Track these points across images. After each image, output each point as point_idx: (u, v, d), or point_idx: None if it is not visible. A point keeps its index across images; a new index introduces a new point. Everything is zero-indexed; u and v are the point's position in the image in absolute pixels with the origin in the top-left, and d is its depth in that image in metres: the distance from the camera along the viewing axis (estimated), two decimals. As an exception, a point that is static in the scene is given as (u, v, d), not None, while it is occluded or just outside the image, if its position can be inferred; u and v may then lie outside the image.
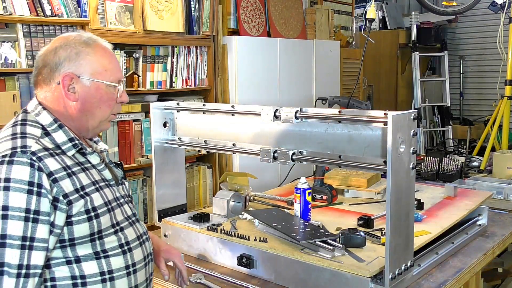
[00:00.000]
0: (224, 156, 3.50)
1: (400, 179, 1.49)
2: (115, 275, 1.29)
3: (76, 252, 1.24)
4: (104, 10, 2.84)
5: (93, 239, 1.26)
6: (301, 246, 1.71)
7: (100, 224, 1.27)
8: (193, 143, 2.09)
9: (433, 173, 3.14)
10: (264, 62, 3.70)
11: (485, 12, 5.03)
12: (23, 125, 1.27)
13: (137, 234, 1.38)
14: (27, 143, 1.21)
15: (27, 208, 1.15)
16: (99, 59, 1.33)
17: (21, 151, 1.19)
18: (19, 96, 2.50)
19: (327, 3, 4.67)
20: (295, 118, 1.68)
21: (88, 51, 1.32)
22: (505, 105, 3.92)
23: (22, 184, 1.15)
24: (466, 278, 1.79)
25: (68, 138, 1.30)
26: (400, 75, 5.88)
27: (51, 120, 1.30)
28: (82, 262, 1.24)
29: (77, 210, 1.22)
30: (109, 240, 1.29)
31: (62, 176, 1.22)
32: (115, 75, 1.36)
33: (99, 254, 1.27)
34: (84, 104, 1.32)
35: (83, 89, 1.31)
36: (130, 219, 1.38)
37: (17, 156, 1.17)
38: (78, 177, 1.26)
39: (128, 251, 1.32)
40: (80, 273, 1.24)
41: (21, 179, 1.15)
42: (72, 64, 1.30)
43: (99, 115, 1.35)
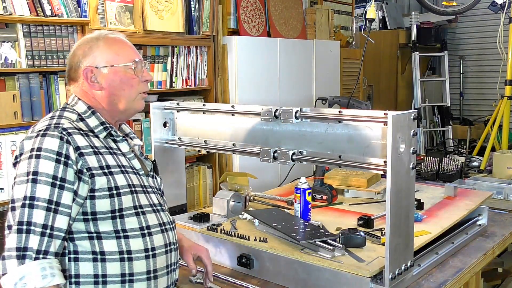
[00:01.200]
0: (224, 156, 3.50)
1: (400, 179, 1.49)
2: (134, 256, 1.36)
3: (98, 227, 1.33)
4: (104, 10, 2.84)
5: (114, 217, 1.34)
6: (301, 246, 1.71)
7: (121, 203, 1.36)
8: (193, 143, 2.09)
9: (433, 173, 3.14)
10: (264, 62, 3.70)
11: (485, 12, 5.03)
12: (62, 111, 1.43)
13: (160, 222, 1.45)
14: (61, 121, 1.36)
15: (54, 175, 1.27)
16: (109, 47, 1.45)
17: (54, 126, 1.33)
18: (19, 96, 2.50)
19: (327, 3, 4.67)
20: (295, 118, 1.68)
21: (98, 44, 1.45)
22: (505, 105, 3.92)
23: (51, 154, 1.28)
24: (466, 278, 1.79)
25: (99, 122, 1.43)
26: (400, 75, 5.88)
27: (86, 108, 1.44)
28: (103, 239, 1.33)
29: (100, 185, 1.33)
30: (129, 220, 1.37)
31: (88, 152, 1.34)
32: (128, 56, 1.47)
33: (119, 233, 1.35)
34: (109, 90, 1.45)
35: (104, 77, 1.44)
36: (154, 206, 1.46)
37: (49, 131, 1.32)
38: (104, 157, 1.38)
39: (148, 235, 1.40)
40: (100, 249, 1.33)
41: (50, 149, 1.29)
42: (88, 59, 1.44)
43: (126, 96, 1.46)
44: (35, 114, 2.54)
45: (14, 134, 2.45)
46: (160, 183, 1.58)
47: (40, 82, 2.59)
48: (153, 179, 1.54)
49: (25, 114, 2.51)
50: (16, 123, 2.46)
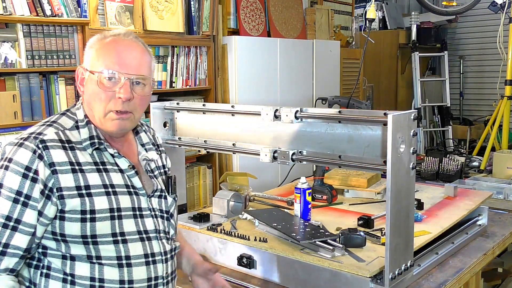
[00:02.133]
0: (224, 156, 3.50)
1: (400, 179, 1.49)
2: (106, 285, 1.24)
3: (69, 249, 1.23)
4: (104, 10, 2.84)
5: (86, 242, 1.22)
6: (301, 246, 1.71)
7: (94, 229, 1.22)
8: (193, 143, 2.09)
9: (433, 173, 3.14)
10: (264, 62, 3.70)
11: (485, 12, 5.03)
12: (61, 115, 1.32)
13: (146, 252, 1.29)
14: (44, 131, 1.24)
15: (18, 191, 1.17)
16: (99, 51, 1.29)
17: (33, 137, 1.22)
18: (19, 96, 2.50)
19: (327, 3, 4.67)
20: (295, 118, 1.68)
21: (94, 45, 1.31)
22: (505, 105, 3.92)
23: (19, 167, 1.18)
24: (466, 278, 1.79)
25: (89, 136, 1.28)
26: (400, 75, 5.88)
27: (83, 116, 1.32)
28: (76, 261, 1.23)
29: (71, 207, 1.20)
30: (105, 248, 1.23)
31: (64, 169, 1.21)
32: (107, 64, 1.27)
33: (92, 259, 1.23)
34: (86, 97, 1.32)
35: (86, 81, 1.31)
36: (145, 234, 1.30)
37: (27, 141, 1.21)
38: (85, 176, 1.23)
39: (127, 266, 1.25)
40: (71, 271, 1.23)
41: (20, 162, 1.18)
42: (84, 58, 1.33)
43: (96, 110, 1.29)
44: (35, 114, 2.54)
45: (14, 134, 2.44)
46: (170, 205, 1.40)
47: (40, 82, 2.59)
48: (160, 200, 1.37)
49: (25, 114, 2.51)
50: (16, 123, 2.46)
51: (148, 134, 1.48)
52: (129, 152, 1.37)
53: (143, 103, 1.34)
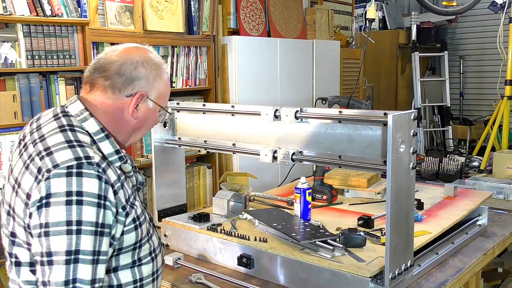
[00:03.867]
0: (224, 156, 3.50)
1: (400, 179, 1.48)
2: (144, 282, 1.31)
3: (118, 262, 1.25)
4: (104, 10, 2.84)
5: (134, 248, 1.27)
6: (301, 246, 1.71)
7: (142, 232, 1.29)
8: (193, 143, 2.09)
9: (433, 173, 3.14)
10: (264, 62, 3.70)
11: (485, 12, 5.03)
12: (72, 132, 1.22)
13: (159, 241, 1.41)
14: (89, 153, 1.17)
15: (96, 222, 1.13)
16: (165, 84, 1.36)
17: (87, 162, 1.15)
18: (19, 96, 2.50)
19: (327, 3, 4.67)
20: (295, 118, 1.68)
21: (161, 75, 1.34)
22: (505, 105, 3.92)
23: (93, 198, 1.13)
24: (466, 278, 1.79)
25: (114, 150, 1.26)
26: (400, 75, 5.89)
27: (98, 128, 1.26)
28: (119, 271, 1.26)
29: (129, 220, 1.23)
30: (144, 248, 1.31)
31: (118, 187, 1.20)
32: (166, 101, 1.40)
33: (135, 263, 1.28)
34: (140, 122, 1.34)
35: (145, 109, 1.32)
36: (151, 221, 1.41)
37: (84, 168, 1.14)
38: (126, 188, 1.24)
39: (155, 258, 1.35)
40: (118, 283, 1.25)
41: (92, 193, 1.13)
42: (148, 84, 1.30)
43: (144, 133, 1.39)
44: (35, 114, 2.50)
45: (14, 134, 2.45)
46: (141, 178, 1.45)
47: (40, 82, 2.59)
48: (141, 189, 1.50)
49: (25, 114, 2.51)
50: (16, 123, 2.47)
51: None
52: None
53: None
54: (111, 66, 1.27)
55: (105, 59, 1.29)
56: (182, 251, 1.95)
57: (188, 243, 1.95)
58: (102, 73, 1.28)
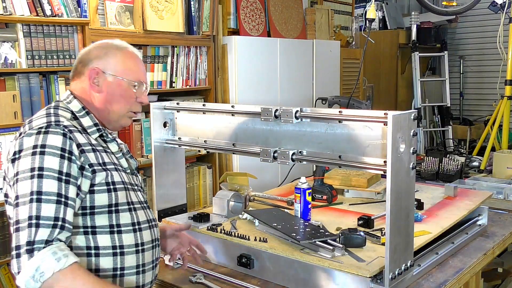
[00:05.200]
0: (224, 156, 3.50)
1: (400, 179, 1.49)
2: (125, 251, 1.41)
3: (94, 221, 1.37)
4: (104, 10, 2.84)
5: (110, 211, 1.39)
6: (301, 246, 1.71)
7: (117, 198, 1.41)
8: (193, 143, 2.09)
9: (433, 173, 3.14)
10: (264, 62, 3.70)
11: (485, 12, 5.03)
12: (55, 108, 1.45)
13: (148, 218, 1.51)
14: (60, 119, 1.39)
15: (60, 170, 1.30)
16: (124, 60, 1.52)
17: (55, 124, 1.36)
18: (19, 96, 2.50)
19: (327, 3, 4.67)
20: (295, 118, 1.68)
21: (116, 53, 1.52)
22: (505, 105, 3.92)
23: (56, 150, 1.31)
24: (466, 278, 1.79)
25: (93, 123, 1.48)
26: (400, 75, 5.89)
27: (80, 107, 1.48)
28: (97, 234, 1.37)
29: (99, 180, 1.38)
30: (123, 215, 1.42)
31: (88, 149, 1.39)
32: (137, 76, 1.53)
33: (113, 228, 1.39)
34: (106, 96, 1.49)
35: (106, 83, 1.49)
36: (142, 204, 1.52)
37: (51, 128, 1.35)
38: (101, 155, 1.42)
39: (139, 231, 1.45)
40: (95, 244, 1.37)
41: (55, 145, 1.32)
42: (100, 61, 1.49)
43: (118, 108, 1.52)
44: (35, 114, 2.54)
45: (14, 134, 2.44)
46: (141, 180, 1.64)
47: (40, 82, 2.59)
48: (136, 177, 1.59)
49: (25, 114, 2.51)
50: (16, 123, 2.47)
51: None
52: None
53: None
54: (77, 59, 1.54)
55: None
56: (182, 251, 1.95)
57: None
58: (73, 66, 1.55)
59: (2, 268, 2.52)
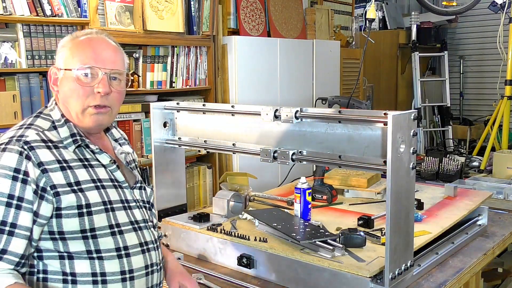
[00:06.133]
0: (224, 156, 3.50)
1: (400, 179, 1.49)
2: (108, 279, 1.25)
3: (67, 247, 1.23)
4: (104, 10, 2.83)
5: (85, 237, 1.23)
6: (301, 246, 1.71)
7: (92, 222, 1.24)
8: (193, 143, 2.09)
9: (433, 173, 3.14)
10: (264, 62, 3.70)
11: (485, 12, 5.03)
12: (35, 117, 1.32)
13: (141, 241, 1.33)
14: (26, 133, 1.24)
15: (10, 194, 1.16)
16: (72, 49, 1.32)
17: (16, 139, 1.22)
18: (19, 96, 2.50)
19: (327, 3, 4.67)
20: (295, 118, 1.68)
21: (67, 44, 1.34)
22: (505, 105, 3.92)
23: (7, 171, 1.17)
24: (466, 278, 1.79)
25: (70, 134, 1.31)
26: (400, 75, 5.88)
27: (59, 115, 1.33)
28: (74, 259, 1.23)
29: (67, 203, 1.21)
30: (104, 241, 1.26)
31: (53, 168, 1.22)
32: (83, 60, 1.30)
33: (92, 253, 1.24)
34: (62, 97, 1.34)
35: (60, 81, 1.34)
36: (136, 224, 1.34)
37: (10, 144, 1.21)
38: (74, 172, 1.25)
39: (126, 256, 1.28)
40: (71, 270, 1.23)
41: (7, 166, 1.17)
42: (56, 58, 1.35)
43: (73, 106, 1.32)
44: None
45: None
46: (149, 195, 1.46)
47: (40, 82, 2.59)
48: (141, 191, 1.42)
49: (25, 114, 2.51)
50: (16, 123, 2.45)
51: (118, 130, 1.54)
52: (105, 148, 1.41)
53: (119, 98, 1.38)
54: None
55: None
56: (182, 251, 1.95)
57: (188, 243, 1.96)
58: None
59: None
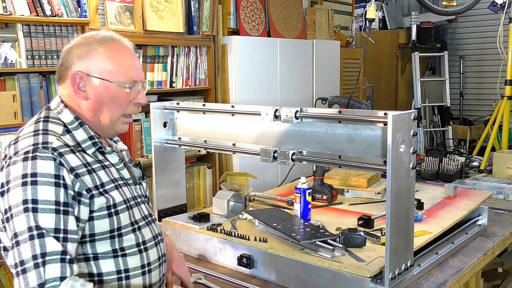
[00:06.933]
0: (224, 156, 3.50)
1: (400, 179, 1.49)
2: (131, 274, 1.30)
3: (95, 249, 1.25)
4: (104, 10, 2.83)
5: (112, 236, 1.27)
6: (301, 246, 1.71)
7: (120, 221, 1.28)
8: (193, 143, 2.09)
9: (433, 173, 3.14)
10: (264, 62, 3.70)
11: (485, 12, 5.03)
12: (45, 122, 1.29)
13: (153, 234, 1.39)
14: (48, 139, 1.23)
15: (56, 201, 1.17)
16: (110, 57, 1.31)
17: (42, 147, 1.20)
18: (19, 96, 2.50)
19: (327, 3, 4.67)
20: (295, 118, 1.68)
21: (100, 50, 1.31)
22: (505, 105, 3.92)
23: (49, 178, 1.17)
24: (466, 278, 1.79)
25: (88, 136, 1.31)
26: (400, 75, 5.88)
27: (72, 118, 1.31)
28: (99, 259, 1.26)
29: (99, 206, 1.24)
30: (127, 238, 1.30)
31: (83, 172, 1.24)
32: (128, 74, 1.33)
33: (117, 252, 1.28)
34: (95, 103, 1.32)
35: (93, 88, 1.31)
36: (146, 218, 1.40)
37: (39, 152, 1.19)
38: (98, 175, 1.28)
39: (144, 251, 1.34)
40: (98, 271, 1.26)
41: (47, 173, 1.17)
42: (82, 63, 1.30)
43: (110, 115, 1.34)
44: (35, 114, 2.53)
45: (14, 134, 2.44)
46: (146, 188, 1.49)
47: (40, 82, 2.59)
48: (140, 186, 1.45)
49: (25, 114, 2.51)
50: (16, 123, 2.46)
51: None
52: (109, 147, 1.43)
53: None
54: (60, 59, 1.36)
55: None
56: (182, 251, 1.95)
57: (188, 243, 1.96)
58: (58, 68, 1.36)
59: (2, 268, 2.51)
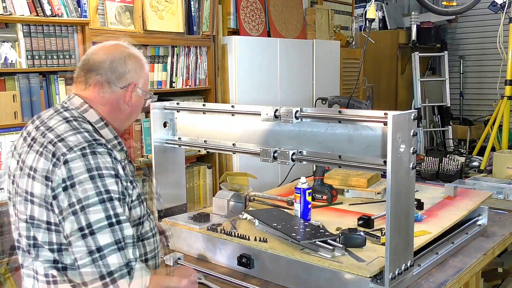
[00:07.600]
0: (224, 156, 3.50)
1: (400, 179, 1.49)
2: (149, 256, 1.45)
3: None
4: (104, 10, 2.83)
5: (140, 223, 1.41)
6: (301, 246, 1.71)
7: (144, 208, 1.43)
8: (193, 143, 2.09)
9: (433, 173, 3.14)
10: (264, 62, 3.70)
11: (485, 12, 5.03)
12: (76, 121, 1.36)
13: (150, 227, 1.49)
14: (96, 136, 1.34)
15: (119, 191, 1.29)
16: (147, 72, 1.52)
17: (96, 143, 1.30)
18: (19, 96, 2.50)
19: (327, 3, 4.67)
20: (295, 118, 1.68)
21: (144, 66, 1.51)
22: (505, 105, 3.92)
23: (111, 171, 1.28)
24: (466, 278, 1.79)
25: (113, 136, 1.44)
26: (400, 75, 5.88)
27: (98, 118, 1.42)
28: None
29: (134, 196, 1.38)
30: (145, 225, 1.44)
31: (125, 165, 1.38)
32: (148, 85, 1.55)
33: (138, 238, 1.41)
34: (132, 109, 1.49)
35: (136, 97, 1.48)
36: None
37: (96, 148, 1.29)
38: (126, 168, 1.39)
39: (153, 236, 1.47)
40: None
41: (109, 166, 1.28)
42: (136, 75, 1.47)
43: (135, 118, 1.56)
44: (35, 114, 2.50)
45: (14, 134, 2.45)
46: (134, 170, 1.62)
47: (40, 82, 2.59)
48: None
49: (25, 114, 2.51)
50: (16, 123, 2.46)
51: None
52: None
53: None
54: (103, 65, 1.42)
55: (94, 59, 1.43)
56: (182, 251, 1.95)
57: (188, 243, 1.96)
58: (95, 71, 1.42)
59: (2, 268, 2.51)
